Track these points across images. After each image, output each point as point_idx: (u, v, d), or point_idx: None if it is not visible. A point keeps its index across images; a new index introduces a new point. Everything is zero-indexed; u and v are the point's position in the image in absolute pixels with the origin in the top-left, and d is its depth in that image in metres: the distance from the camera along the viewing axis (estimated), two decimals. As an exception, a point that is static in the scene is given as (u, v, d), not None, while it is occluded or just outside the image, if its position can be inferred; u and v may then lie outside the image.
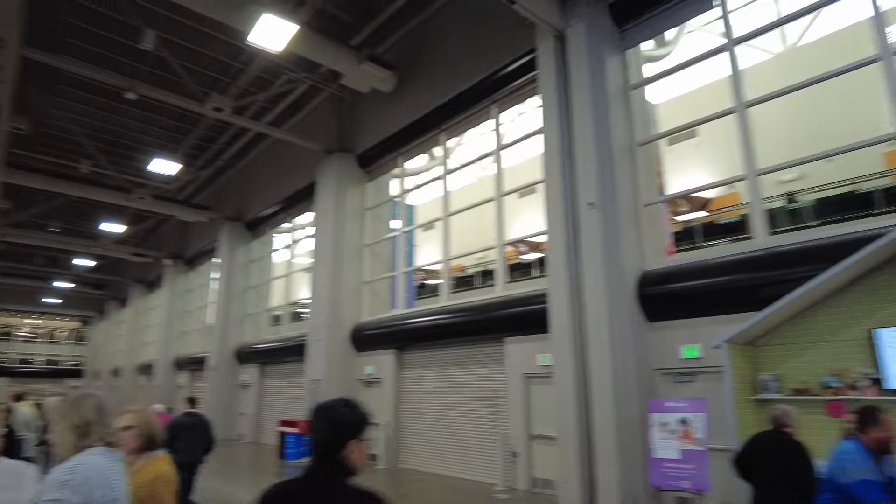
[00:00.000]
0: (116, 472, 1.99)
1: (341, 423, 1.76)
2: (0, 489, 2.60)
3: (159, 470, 2.53)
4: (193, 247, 22.32)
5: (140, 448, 2.55)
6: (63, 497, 1.79)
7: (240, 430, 16.61)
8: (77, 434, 1.98)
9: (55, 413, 2.06)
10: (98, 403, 2.06)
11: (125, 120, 16.84)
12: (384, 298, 12.68)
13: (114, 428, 2.07)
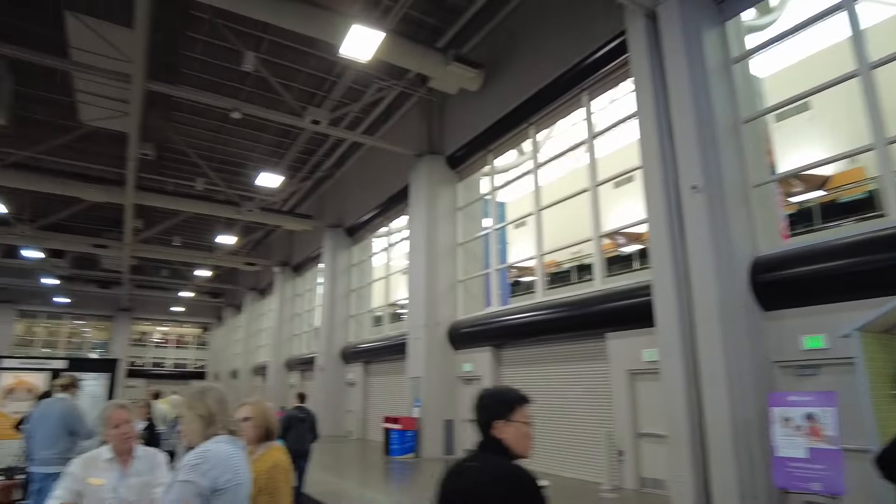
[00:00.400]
0: (240, 459, 2.14)
1: (485, 406, 2.00)
2: (138, 473, 2.90)
3: (276, 459, 2.68)
4: (299, 254, 23.63)
5: (258, 438, 2.73)
6: (193, 479, 1.95)
7: (348, 426, 17.35)
8: (203, 423, 2.16)
9: (183, 405, 2.26)
10: (219, 395, 2.24)
11: (233, 139, 18.17)
12: (478, 296, 12.75)
13: (235, 418, 2.24)
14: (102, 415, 2.94)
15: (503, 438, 1.93)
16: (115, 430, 2.87)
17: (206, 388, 2.26)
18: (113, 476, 2.81)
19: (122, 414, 2.93)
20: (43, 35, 12.50)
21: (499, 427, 1.93)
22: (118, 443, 2.87)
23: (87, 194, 17.14)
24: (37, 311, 33.65)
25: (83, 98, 12.98)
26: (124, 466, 2.88)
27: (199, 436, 2.13)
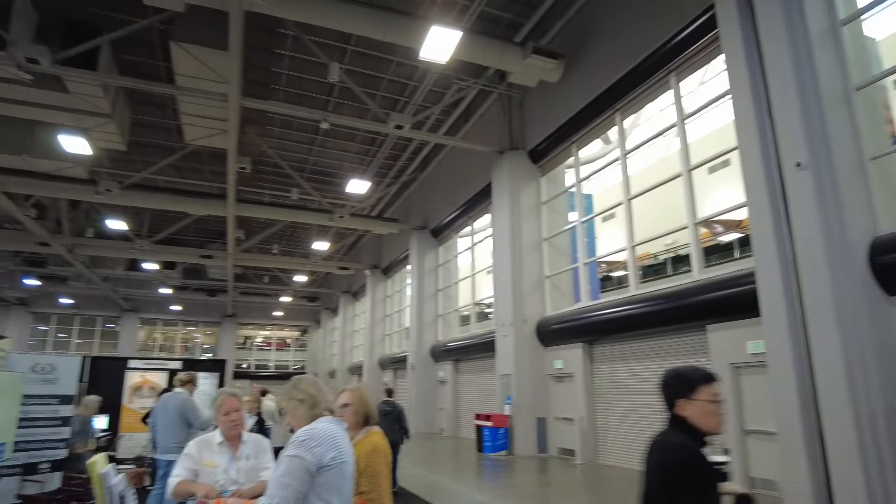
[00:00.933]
0: (344, 438, 2.23)
1: (667, 386, 2.12)
2: (246, 457, 3.10)
3: (375, 443, 2.77)
4: (388, 257, 24.28)
5: (357, 424, 2.82)
6: (301, 454, 2.05)
7: (440, 424, 17.59)
8: (303, 407, 2.27)
9: (283, 395, 2.39)
10: (313, 381, 2.35)
11: (324, 150, 18.98)
12: (567, 292, 12.49)
13: (334, 403, 2.33)
14: (215, 402, 3.17)
15: (686, 416, 2.01)
16: (226, 417, 3.08)
17: (300, 378, 2.38)
18: (224, 459, 3.03)
19: (232, 402, 3.14)
20: (154, 66, 13.72)
21: (681, 405, 2.03)
22: (228, 428, 3.09)
23: (194, 209, 18.53)
24: (155, 318, 36.84)
25: (187, 120, 14.06)
26: (234, 450, 3.09)
27: (301, 420, 2.24)
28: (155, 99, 15.32)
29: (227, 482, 2.90)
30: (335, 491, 2.12)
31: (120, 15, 11.57)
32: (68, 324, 34.93)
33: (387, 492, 2.68)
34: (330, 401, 2.29)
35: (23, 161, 14.07)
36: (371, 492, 2.61)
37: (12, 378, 5.55)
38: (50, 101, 12.25)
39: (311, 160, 19.63)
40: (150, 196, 17.49)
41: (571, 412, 11.05)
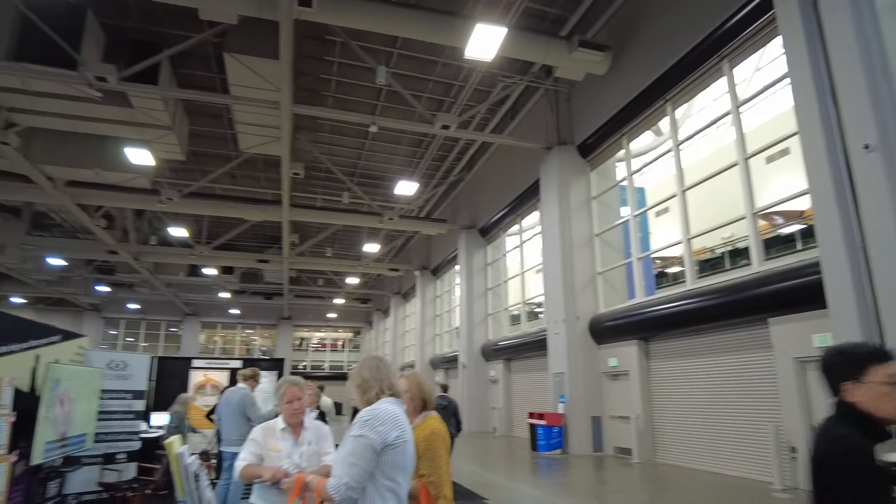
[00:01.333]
0: (405, 419, 2.28)
1: (828, 368, 1.79)
2: (308, 443, 3.20)
3: (434, 427, 2.80)
4: (437, 257, 24.44)
5: (414, 409, 2.87)
6: (365, 433, 2.11)
7: (493, 423, 17.56)
8: (361, 390, 2.34)
9: (351, 380, 2.46)
10: (371, 364, 2.40)
11: (373, 153, 19.29)
12: (620, 288, 12.25)
13: (392, 386, 2.38)
14: (278, 391, 3.29)
15: (855, 402, 1.69)
16: (288, 405, 3.20)
17: (362, 361, 2.45)
18: (287, 444, 3.14)
19: (294, 391, 3.25)
20: (210, 79, 14.31)
21: (848, 389, 1.71)
22: (290, 415, 3.20)
23: (250, 215, 19.21)
24: (215, 321, 38.28)
25: (242, 128, 14.57)
26: (296, 436, 3.20)
27: (362, 402, 2.30)
28: (211, 110, 15.96)
29: (290, 466, 3.00)
30: (400, 469, 2.17)
31: (178, 31, 12.11)
32: (135, 328, 36.76)
33: (446, 475, 2.71)
34: (391, 383, 2.34)
35: (94, 174, 14.91)
36: (431, 475, 2.64)
37: (92, 373, 5.91)
38: (116, 116, 12.94)
39: (360, 164, 19.99)
40: (209, 203, 18.23)
41: (627, 410, 10.83)
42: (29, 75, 10.74)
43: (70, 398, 5.21)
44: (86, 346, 6.34)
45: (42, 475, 5.16)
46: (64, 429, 5.17)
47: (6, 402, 4.18)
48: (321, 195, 21.85)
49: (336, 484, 2.08)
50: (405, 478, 2.21)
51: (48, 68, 10.58)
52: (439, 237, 22.50)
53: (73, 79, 10.72)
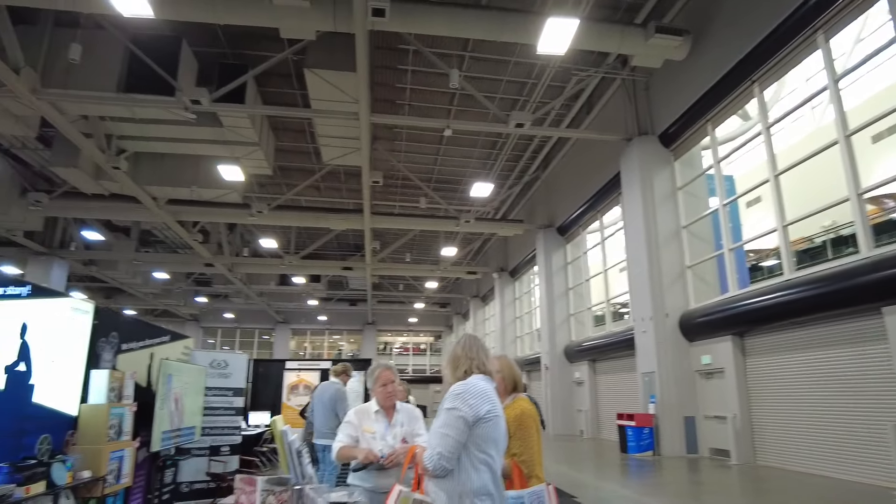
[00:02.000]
0: (496, 396, 2.32)
1: None
2: (400, 424, 3.31)
3: (524, 407, 2.82)
4: (515, 259, 24.31)
5: (505, 390, 2.90)
6: (457, 406, 2.17)
7: (579, 426, 17.18)
8: (454, 365, 2.40)
9: (444, 357, 2.54)
10: (467, 342, 2.45)
11: (448, 158, 19.51)
12: (712, 282, 11.65)
13: (484, 364, 2.41)
14: (371, 374, 3.42)
15: None
16: (382, 388, 3.32)
17: (457, 339, 2.51)
18: (381, 426, 3.26)
19: (387, 374, 3.38)
20: (292, 95, 15.06)
21: None
22: (383, 399, 3.31)
23: (334, 224, 19.98)
24: (304, 328, 40.02)
25: (323, 141, 15.20)
26: (389, 418, 3.31)
27: (453, 378, 2.36)
28: (295, 125, 16.77)
29: (384, 447, 3.11)
30: (493, 443, 2.20)
31: (261, 52, 12.83)
32: (231, 336, 39.11)
33: (538, 455, 2.71)
34: (482, 362, 2.38)
35: (191, 192, 16.06)
36: (523, 453, 2.66)
37: (198, 370, 6.38)
38: (209, 136, 13.87)
39: (436, 169, 20.27)
40: (295, 215, 19.15)
41: (723, 410, 10.26)
42: (135, 104, 11.73)
43: (180, 393, 5.64)
44: (191, 346, 6.84)
45: (160, 463, 5.61)
46: (176, 421, 5.60)
47: (129, 392, 4.58)
48: (399, 202, 22.36)
49: (430, 454, 2.15)
50: (498, 452, 2.24)
51: (151, 96, 11.54)
52: (516, 238, 22.38)
53: (171, 104, 11.62)
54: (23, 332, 3.83)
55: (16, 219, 17.28)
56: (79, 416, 4.28)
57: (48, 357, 4.05)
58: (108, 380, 4.34)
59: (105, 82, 11.34)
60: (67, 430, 4.17)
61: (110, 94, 11.34)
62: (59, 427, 4.10)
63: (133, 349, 5.15)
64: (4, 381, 3.66)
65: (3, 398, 3.65)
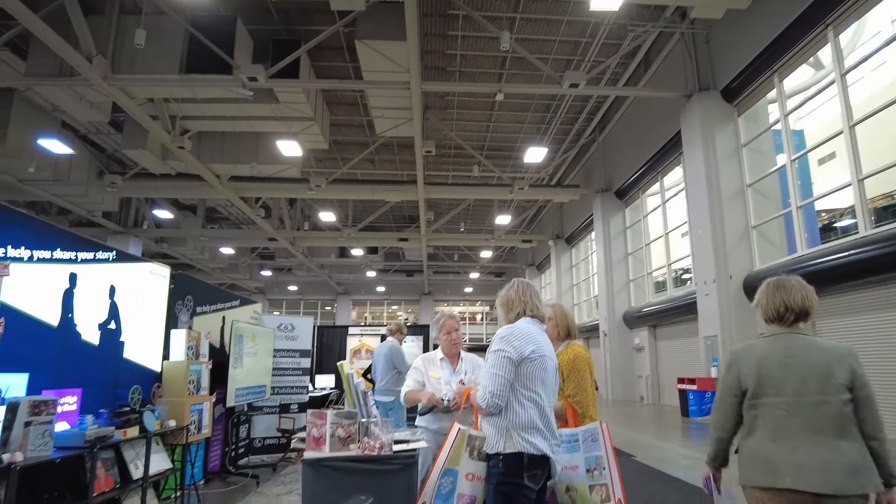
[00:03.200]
0: (542, 337, 2.38)
1: None
2: (464, 372, 3.43)
3: (577, 351, 2.89)
4: (571, 225, 23.98)
5: (558, 336, 2.96)
6: (502, 347, 2.26)
7: (639, 392, 17.01)
8: (507, 307, 2.48)
9: (498, 300, 2.61)
10: (520, 286, 2.52)
11: (501, 124, 19.29)
12: (779, 242, 11.17)
13: (537, 308, 2.47)
14: (437, 323, 3.57)
15: None
16: (447, 336, 3.45)
17: (511, 283, 2.58)
18: (446, 372, 3.39)
19: (452, 323, 3.51)
20: (344, 68, 15.21)
21: None
22: (447, 346, 3.45)
23: (388, 196, 20.24)
24: (364, 299, 41.08)
25: (376, 113, 15.33)
26: (453, 366, 3.44)
27: (505, 320, 2.45)
28: (348, 98, 16.98)
29: (448, 392, 3.24)
30: (539, 382, 2.29)
31: (313, 27, 12.98)
32: (295, 308, 40.62)
33: (592, 396, 2.77)
34: (535, 306, 2.44)
35: (251, 169, 16.63)
36: (577, 394, 2.73)
37: (266, 332, 6.74)
38: (266, 113, 14.26)
39: (489, 136, 20.11)
40: (352, 188, 19.54)
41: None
42: (196, 84, 12.17)
43: (250, 353, 5.99)
44: (258, 310, 7.22)
45: (234, 418, 6.01)
46: (248, 379, 5.96)
47: (205, 351, 4.92)
48: (452, 171, 22.38)
49: (482, 393, 2.28)
50: (546, 390, 2.33)
51: (210, 76, 11.94)
52: (572, 204, 22.03)
53: (229, 82, 11.99)
54: (111, 293, 4.18)
55: (94, 200, 18.45)
56: (162, 372, 4.66)
57: (134, 316, 4.39)
58: (185, 339, 4.68)
59: (168, 65, 11.81)
60: (154, 383, 4.54)
61: (173, 76, 11.80)
62: (147, 380, 4.49)
63: (206, 312, 5.51)
64: (98, 337, 4.03)
65: (99, 353, 4.02)
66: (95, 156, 18.13)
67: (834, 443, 2.02)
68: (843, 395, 2.09)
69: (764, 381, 2.14)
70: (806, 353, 2.16)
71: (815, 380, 2.11)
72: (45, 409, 2.98)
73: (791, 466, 2.00)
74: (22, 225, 3.41)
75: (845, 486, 1.93)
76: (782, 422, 2.08)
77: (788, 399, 2.09)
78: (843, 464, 1.97)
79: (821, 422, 2.04)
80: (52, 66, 11.74)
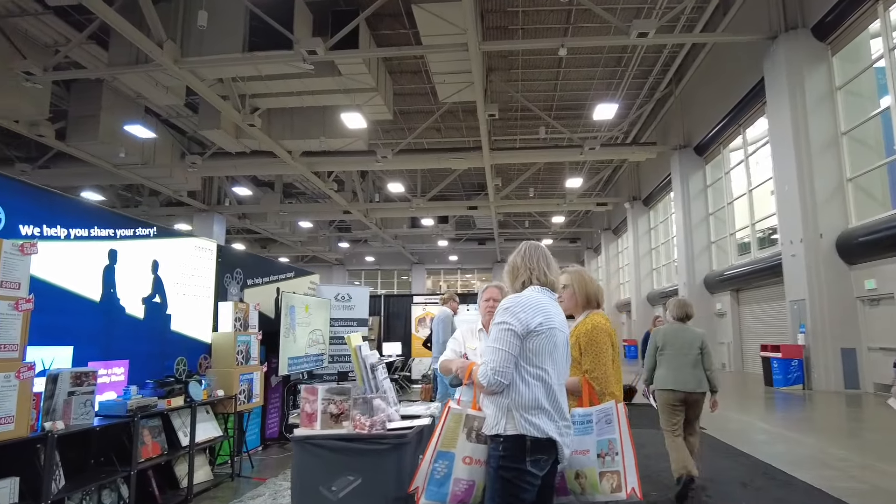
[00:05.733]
0: (553, 307, 2.17)
1: None
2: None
3: (596, 321, 2.63)
4: (648, 186, 22.84)
5: (577, 305, 2.73)
6: (506, 319, 2.07)
7: (721, 359, 16.14)
8: (512, 276, 2.28)
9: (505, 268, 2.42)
10: (528, 250, 2.30)
11: (569, 82, 18.46)
12: (880, 195, 10.02)
13: (545, 275, 2.25)
14: (481, 292, 3.44)
15: None
16: (485, 303, 3.32)
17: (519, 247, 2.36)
18: (482, 343, 3.27)
19: (493, 291, 3.38)
20: (405, 35, 15.02)
21: None
22: (484, 313, 3.32)
23: (454, 164, 20.02)
24: (438, 268, 41.49)
25: (438, 79, 15.07)
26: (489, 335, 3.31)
27: (511, 290, 2.25)
28: (410, 66, 16.80)
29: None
30: (547, 357, 2.08)
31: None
32: (373, 278, 41.74)
33: (611, 371, 2.53)
34: (543, 272, 2.23)
35: (320, 143, 16.94)
36: (594, 370, 2.48)
37: (321, 303, 6.88)
38: (329, 86, 14.38)
39: (556, 96, 19.34)
40: (417, 158, 19.50)
41: (895, 341, 8.99)
42: (259, 62, 12.42)
43: (303, 323, 6.12)
44: (316, 281, 7.37)
45: (291, 387, 6.20)
46: (302, 349, 6.11)
47: (254, 322, 5.05)
48: (520, 135, 21.80)
49: (484, 370, 2.07)
50: (555, 366, 2.11)
51: (272, 52, 12.13)
52: (649, 163, 20.90)
53: (290, 57, 12.12)
54: (154, 268, 4.35)
55: (178, 180, 19.56)
56: (212, 343, 4.84)
57: (180, 290, 4.57)
58: (232, 311, 4.82)
59: (231, 44, 12.09)
60: (202, 354, 4.73)
61: (236, 54, 12.09)
62: (196, 352, 4.68)
63: (258, 284, 5.66)
64: (143, 311, 4.22)
65: (144, 326, 4.21)
66: (177, 138, 19.13)
67: (692, 370, 4.43)
68: (697, 351, 4.49)
69: (666, 343, 4.58)
70: (685, 332, 4.59)
71: (687, 344, 4.52)
72: (87, 380, 3.15)
73: (674, 380, 4.42)
74: (56, 204, 3.56)
75: (696, 388, 4.39)
76: (672, 361, 4.50)
77: (675, 351, 4.51)
78: (696, 379, 4.41)
79: (687, 361, 4.45)
80: (129, 55, 12.37)
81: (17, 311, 2.57)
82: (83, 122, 15.34)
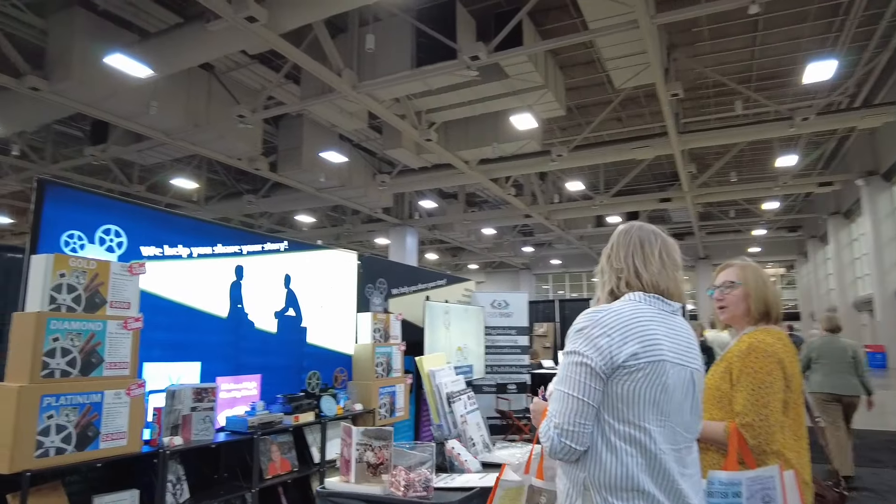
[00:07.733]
0: (659, 324, 1.46)
1: None
2: None
3: (761, 340, 1.72)
4: (889, 156, 18.63)
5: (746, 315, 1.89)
6: (577, 348, 1.45)
7: None
8: (600, 282, 1.66)
9: None
10: (620, 240, 1.70)
11: (767, 46, 15.89)
12: None
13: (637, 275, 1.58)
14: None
15: None
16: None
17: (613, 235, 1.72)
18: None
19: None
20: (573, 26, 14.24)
21: None
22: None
23: (638, 153, 18.48)
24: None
25: (612, 65, 14.06)
26: None
27: (603, 299, 1.61)
28: (582, 58, 15.93)
29: None
30: (650, 408, 1.35)
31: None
32: (561, 281, 40.84)
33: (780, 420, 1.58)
34: (632, 270, 1.55)
35: (493, 150, 16.97)
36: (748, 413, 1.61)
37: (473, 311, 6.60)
38: (499, 90, 14.26)
39: (755, 64, 16.76)
40: (595, 152, 18.43)
41: None
42: (426, 76, 12.75)
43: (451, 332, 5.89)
44: (471, 288, 7.12)
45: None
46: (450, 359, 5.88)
47: (396, 333, 4.95)
48: (714, 114, 19.37)
49: (545, 428, 1.42)
50: (665, 421, 1.36)
51: (438, 65, 12.36)
52: (888, 128, 16.99)
53: (454, 66, 12.23)
54: (287, 282, 4.45)
55: (373, 199, 21.27)
56: (353, 355, 4.82)
57: (317, 303, 4.62)
58: (371, 321, 4.75)
59: (400, 63, 12.63)
60: (342, 367, 4.73)
61: (405, 72, 12.56)
62: (334, 365, 4.68)
63: (405, 293, 5.58)
64: (276, 325, 4.33)
65: (277, 340, 4.32)
66: (368, 160, 20.75)
67: (847, 377, 5.23)
68: (850, 360, 5.27)
69: (821, 355, 5.24)
70: (837, 342, 5.15)
71: (840, 352, 5.21)
72: (206, 396, 3.25)
73: (831, 385, 5.25)
74: (176, 224, 3.78)
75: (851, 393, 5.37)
76: (826, 369, 5.18)
77: (830, 360, 5.16)
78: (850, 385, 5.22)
79: (842, 368, 5.18)
80: (316, 88, 13.64)
81: (127, 330, 2.70)
82: (289, 154, 17.48)
